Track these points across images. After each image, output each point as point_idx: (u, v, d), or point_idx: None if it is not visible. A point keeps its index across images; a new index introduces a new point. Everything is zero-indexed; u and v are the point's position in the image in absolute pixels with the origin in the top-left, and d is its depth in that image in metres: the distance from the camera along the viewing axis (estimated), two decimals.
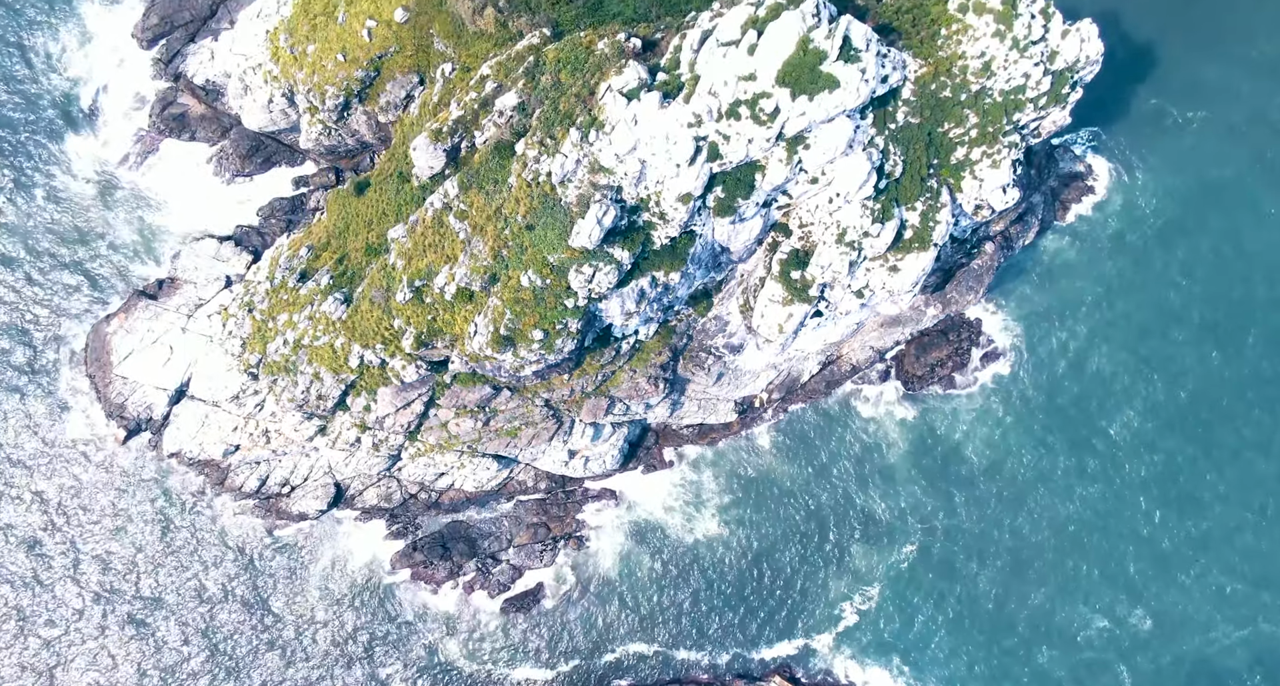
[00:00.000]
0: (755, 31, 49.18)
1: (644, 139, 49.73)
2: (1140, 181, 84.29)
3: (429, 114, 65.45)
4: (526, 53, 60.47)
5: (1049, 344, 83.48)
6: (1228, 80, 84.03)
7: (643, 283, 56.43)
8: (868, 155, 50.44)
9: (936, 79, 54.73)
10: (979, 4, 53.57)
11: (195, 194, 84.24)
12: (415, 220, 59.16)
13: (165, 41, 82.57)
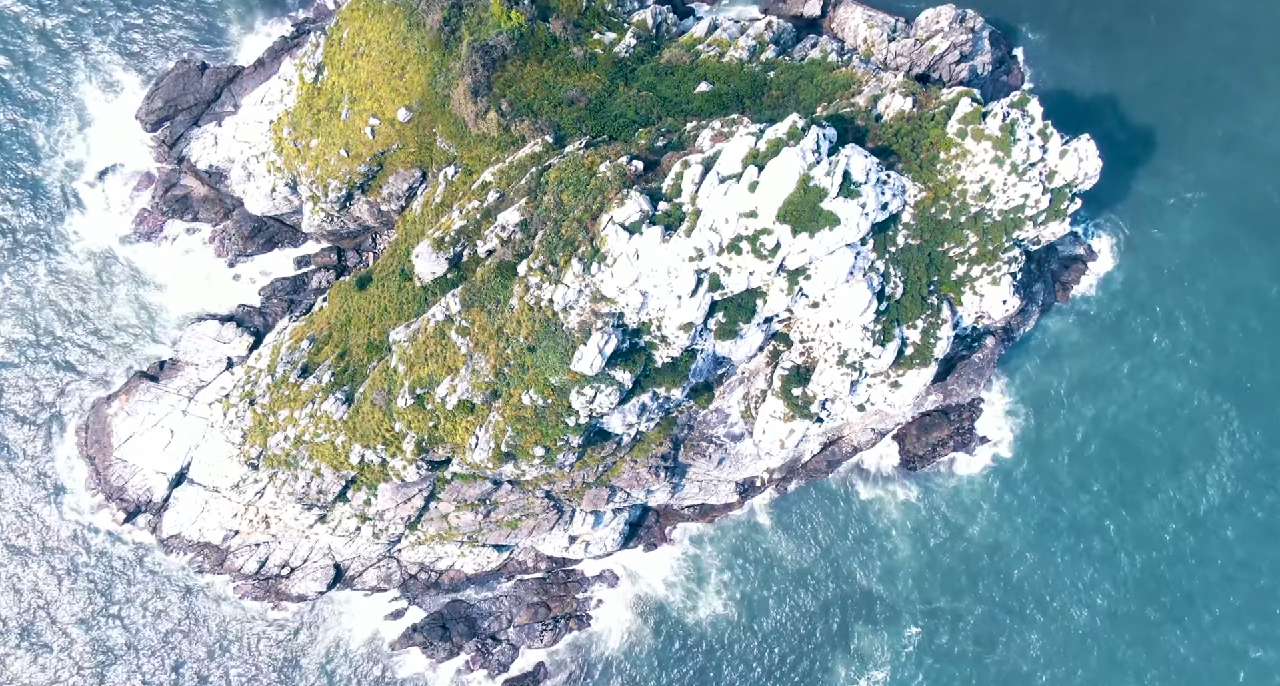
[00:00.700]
0: (756, 167, 49.50)
1: (646, 272, 49.99)
2: (1142, 261, 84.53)
3: (431, 214, 65.72)
4: (529, 162, 60.81)
5: (1052, 424, 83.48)
6: (1227, 163, 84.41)
7: (644, 398, 56.56)
8: (868, 281, 50.66)
9: (936, 203, 55.08)
10: (977, 130, 53.95)
11: (197, 273, 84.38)
12: (417, 328, 59.29)
13: (169, 124, 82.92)
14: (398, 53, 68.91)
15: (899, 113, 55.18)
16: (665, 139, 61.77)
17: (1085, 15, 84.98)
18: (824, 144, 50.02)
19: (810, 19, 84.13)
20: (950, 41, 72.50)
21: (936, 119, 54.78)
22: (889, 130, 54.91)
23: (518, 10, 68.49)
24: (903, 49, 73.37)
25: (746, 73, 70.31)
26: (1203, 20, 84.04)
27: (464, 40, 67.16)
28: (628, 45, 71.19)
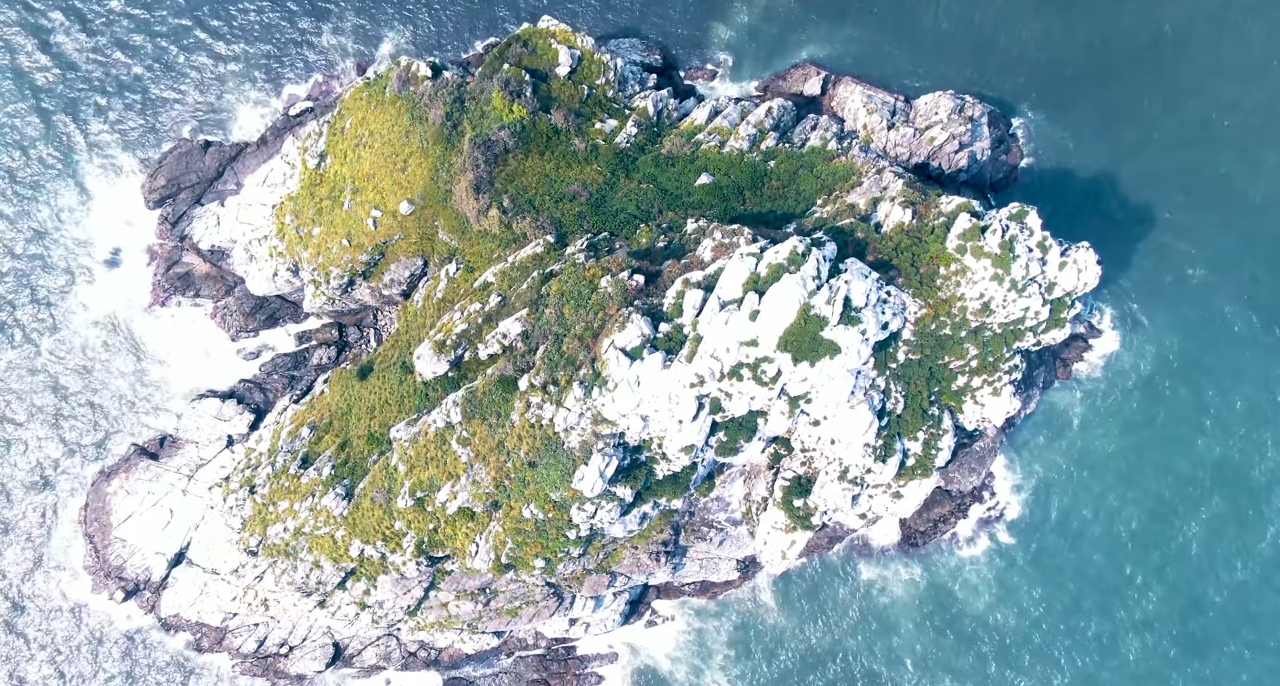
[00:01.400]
0: (756, 293, 49.72)
1: (647, 398, 50.13)
2: (1143, 338, 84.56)
3: (432, 308, 65.88)
4: (531, 264, 61.02)
5: (1055, 501, 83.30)
6: (1226, 240, 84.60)
7: (645, 508, 56.52)
8: (869, 401, 50.74)
9: (936, 319, 55.24)
10: (976, 248, 54.18)
11: (199, 348, 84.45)
12: (418, 432, 59.31)
13: (172, 202, 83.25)
14: (400, 145, 69.28)
15: (898, 224, 55.43)
16: (666, 239, 61.96)
17: (1085, 94, 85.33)
18: (824, 267, 50.23)
19: (810, 97, 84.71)
20: (949, 133, 72.96)
21: (936, 232, 55.03)
22: (889, 244, 55.16)
23: (519, 104, 68.92)
24: (902, 139, 73.76)
25: (747, 163, 70.68)
26: (1203, 101, 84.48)
27: (466, 135, 67.54)
28: (628, 134, 71.58)
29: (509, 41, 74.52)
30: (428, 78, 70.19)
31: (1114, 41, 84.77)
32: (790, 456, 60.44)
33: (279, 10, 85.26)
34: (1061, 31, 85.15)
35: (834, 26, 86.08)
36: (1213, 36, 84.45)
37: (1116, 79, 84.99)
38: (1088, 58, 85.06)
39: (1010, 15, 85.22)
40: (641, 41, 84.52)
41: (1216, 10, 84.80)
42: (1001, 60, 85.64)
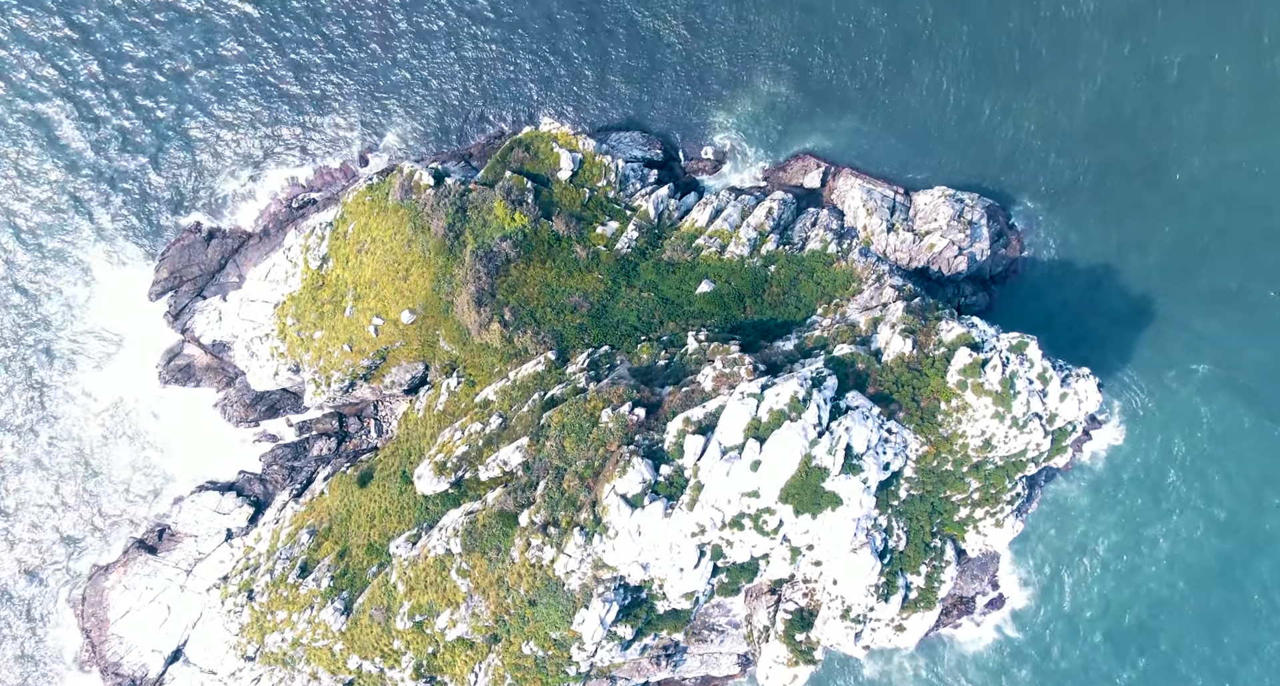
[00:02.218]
0: (757, 440, 49.74)
1: (648, 547, 50.01)
2: (1147, 428, 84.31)
3: (433, 419, 65.84)
4: (532, 383, 61.02)
5: (1059, 589, 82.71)
6: (1231, 334, 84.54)
7: (646, 640, 56.20)
8: (870, 544, 50.61)
9: (938, 456, 55.23)
10: (976, 385, 54.25)
11: (198, 438, 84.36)
12: (417, 554, 59.06)
13: (174, 294, 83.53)
14: (402, 254, 69.56)
15: (899, 356, 55.56)
16: (667, 356, 62.03)
17: (1087, 186, 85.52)
18: (824, 411, 50.26)
19: (810, 189, 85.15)
20: (949, 239, 73.23)
21: (936, 364, 55.13)
22: (889, 376, 55.26)
23: (521, 212, 69.28)
24: (901, 244, 74.07)
25: (747, 270, 70.93)
26: (1205, 195, 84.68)
27: (468, 246, 67.84)
28: (630, 239, 71.87)
29: (511, 145, 75.06)
30: (430, 186, 70.61)
31: (1117, 135, 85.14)
32: (792, 584, 60.18)
33: (282, 99, 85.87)
34: (1064, 124, 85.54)
35: (835, 117, 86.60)
36: (1218, 131, 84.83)
37: (1119, 172, 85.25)
38: (1090, 150, 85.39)
39: (1012, 109, 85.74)
40: (642, 134, 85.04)
41: (1221, 105, 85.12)
42: (1003, 151, 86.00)
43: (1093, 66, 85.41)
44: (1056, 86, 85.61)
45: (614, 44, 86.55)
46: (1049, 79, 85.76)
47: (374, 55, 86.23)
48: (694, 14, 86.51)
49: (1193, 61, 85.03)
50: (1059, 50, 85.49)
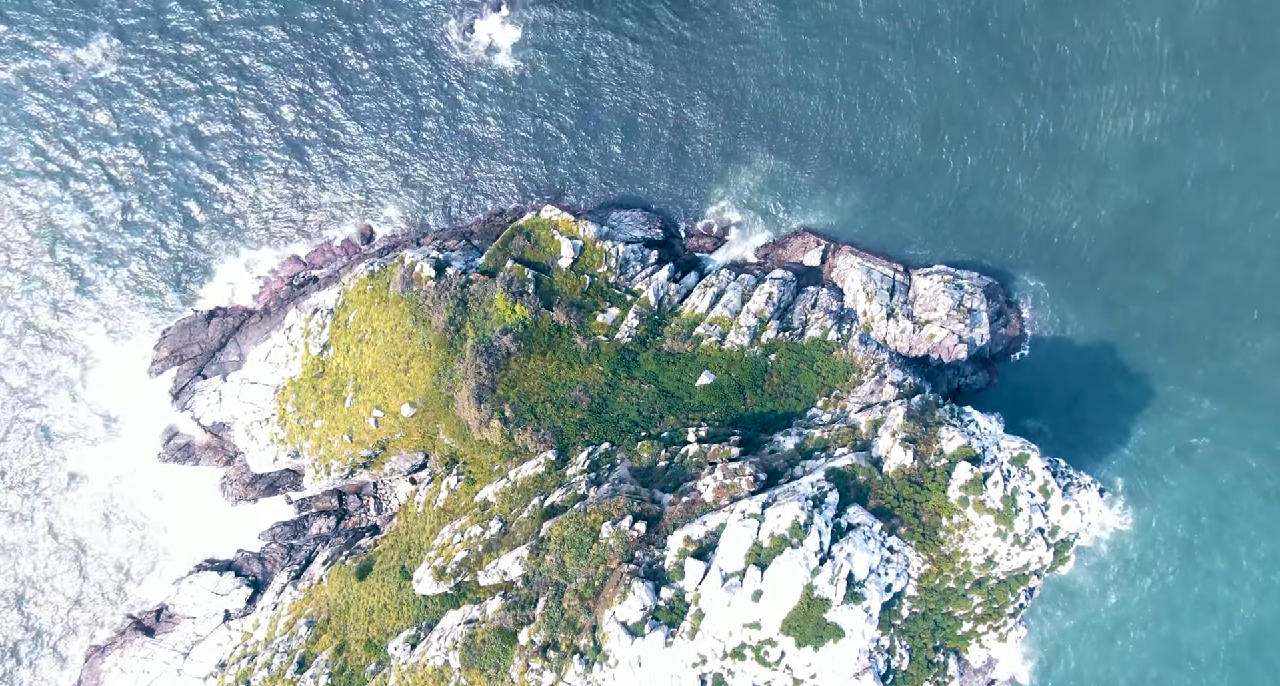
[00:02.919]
0: (758, 567, 49.59)
1: (648, 678, 49.76)
2: (1149, 507, 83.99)
3: (433, 515, 65.66)
4: (532, 486, 60.90)
5: (1063, 672, 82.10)
6: (1232, 411, 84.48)
7: None
8: (873, 667, 50.32)
9: (940, 574, 55.09)
10: (979, 502, 54.15)
11: (197, 515, 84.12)
12: (416, 661, 58.69)
13: (175, 373, 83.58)
14: (403, 346, 69.64)
15: (900, 467, 55.54)
16: (668, 455, 61.94)
17: (1088, 265, 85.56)
18: (825, 536, 50.11)
19: (810, 266, 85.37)
20: (948, 329, 73.31)
21: (938, 478, 55.10)
22: (890, 490, 55.18)
23: (522, 304, 69.41)
24: (901, 333, 74.17)
25: (748, 360, 70.97)
26: (1206, 280, 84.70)
27: (468, 340, 67.93)
28: (630, 327, 71.96)
29: (512, 232, 75.35)
30: (431, 278, 70.80)
31: (1118, 217, 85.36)
32: None
33: (283, 176, 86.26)
34: (1066, 205, 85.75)
35: (835, 194, 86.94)
36: (1219, 215, 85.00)
37: (1120, 252, 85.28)
38: (1091, 231, 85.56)
39: (1015, 189, 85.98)
40: (643, 213, 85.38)
41: (1222, 190, 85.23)
42: (1004, 229, 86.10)
43: (1094, 150, 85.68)
44: (1059, 169, 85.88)
45: (616, 123, 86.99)
46: (1052, 161, 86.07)
47: (375, 132, 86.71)
48: (695, 93, 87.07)
49: (1196, 148, 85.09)
50: (1063, 133, 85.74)
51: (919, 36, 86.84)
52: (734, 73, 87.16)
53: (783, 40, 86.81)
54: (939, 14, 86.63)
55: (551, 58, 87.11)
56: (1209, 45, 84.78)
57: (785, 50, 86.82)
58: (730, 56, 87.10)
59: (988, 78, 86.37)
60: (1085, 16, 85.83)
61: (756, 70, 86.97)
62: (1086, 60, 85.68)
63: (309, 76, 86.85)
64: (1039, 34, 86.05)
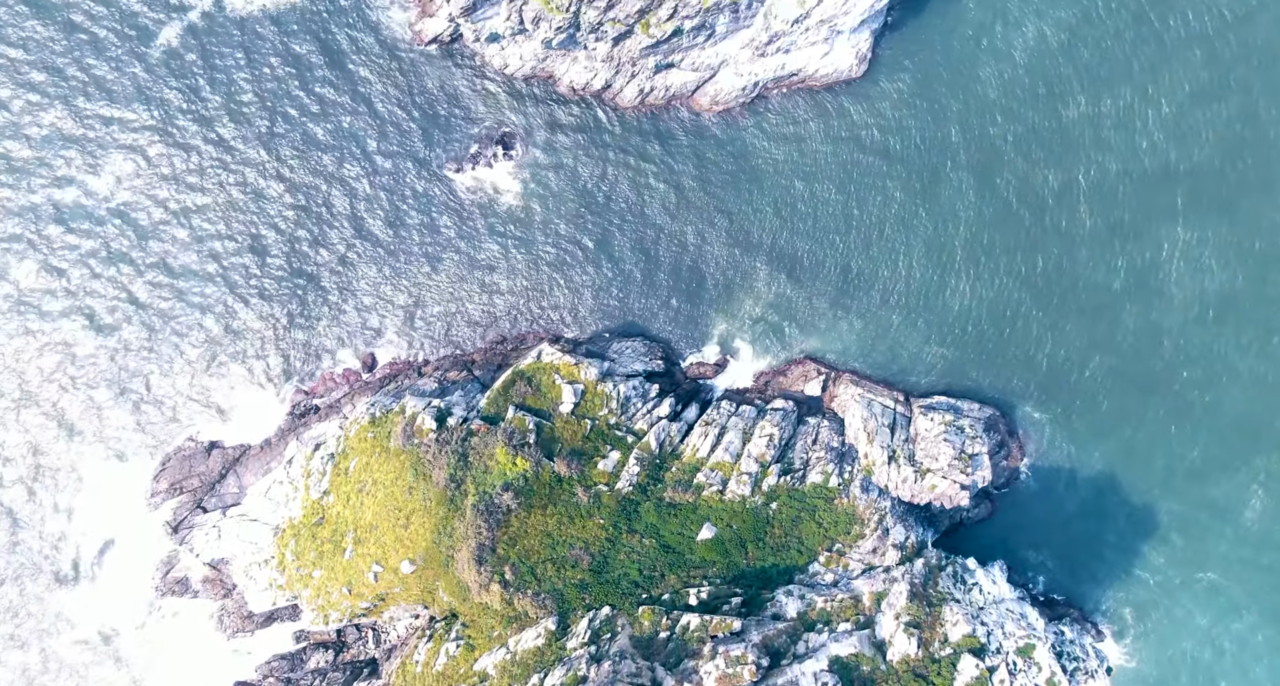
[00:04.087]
0: None
1: None
2: (1159, 644, 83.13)
3: (431, 678, 65.09)
4: (532, 661, 60.42)
5: None
6: (1236, 547, 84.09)
7: None
8: None
9: None
10: None
11: (195, 647, 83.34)
12: None
13: (174, 506, 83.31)
14: (404, 500, 69.51)
15: (904, 657, 55.23)
16: (669, 625, 61.56)
17: (1089, 392, 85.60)
18: None
19: (811, 396, 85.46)
20: (950, 480, 73.27)
21: (943, 672, 54.74)
22: (895, 684, 54.79)
23: (523, 456, 69.39)
24: (903, 481, 74.13)
25: (749, 511, 70.82)
26: (1209, 407, 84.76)
27: (469, 496, 67.79)
28: (631, 475, 71.84)
29: (513, 377, 75.50)
30: (432, 431, 70.82)
31: (1123, 344, 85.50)
32: None
33: (282, 304, 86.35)
34: (1071, 334, 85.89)
35: (836, 320, 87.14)
36: (1219, 340, 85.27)
37: (1120, 377, 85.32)
38: (1093, 357, 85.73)
39: (1018, 319, 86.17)
40: (644, 342, 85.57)
41: (1221, 312, 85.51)
42: (1006, 357, 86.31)
43: (1096, 276, 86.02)
44: (1067, 300, 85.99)
45: (619, 251, 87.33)
46: (1059, 292, 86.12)
47: (376, 259, 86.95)
48: (701, 223, 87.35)
49: (1203, 281, 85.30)
50: (1065, 264, 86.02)
51: (931, 170, 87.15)
52: (742, 202, 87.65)
53: (791, 168, 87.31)
54: (952, 141, 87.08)
55: (554, 191, 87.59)
56: (1222, 174, 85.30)
57: (791, 177, 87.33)
58: (738, 187, 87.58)
59: (1000, 207, 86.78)
60: (1099, 148, 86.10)
61: (762, 198, 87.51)
62: (1098, 193, 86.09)
63: (309, 202, 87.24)
64: (1053, 166, 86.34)
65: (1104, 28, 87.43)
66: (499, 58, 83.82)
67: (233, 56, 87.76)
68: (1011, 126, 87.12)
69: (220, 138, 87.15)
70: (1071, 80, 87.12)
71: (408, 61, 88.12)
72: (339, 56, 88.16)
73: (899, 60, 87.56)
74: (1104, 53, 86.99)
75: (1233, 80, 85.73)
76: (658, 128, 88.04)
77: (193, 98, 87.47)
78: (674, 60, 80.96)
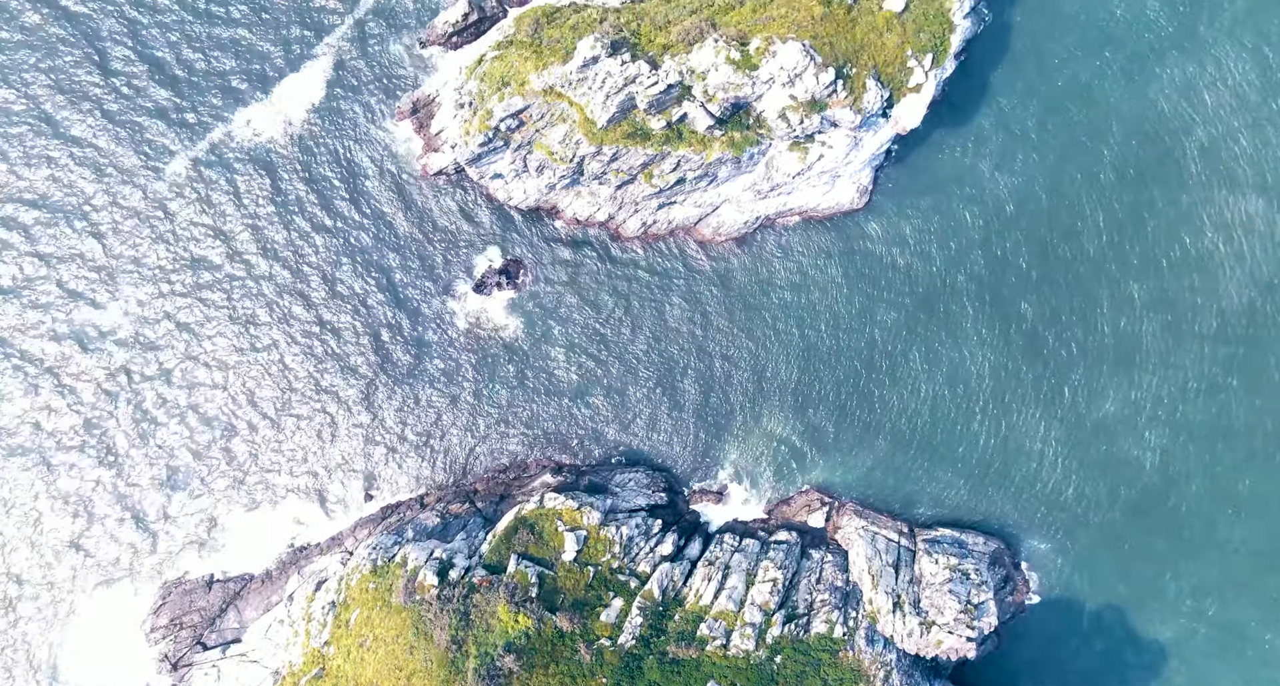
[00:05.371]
0: None
1: None
2: None
3: None
4: None
5: None
6: (1255, 673, 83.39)
7: None
8: None
9: None
10: None
11: None
12: None
13: (173, 641, 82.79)
14: (405, 659, 69.00)
15: None
16: None
17: (1098, 526, 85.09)
18: None
19: (815, 527, 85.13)
20: (956, 634, 72.73)
21: None
22: None
23: (525, 613, 69.01)
24: (908, 634, 73.57)
25: (753, 668, 70.25)
26: (1219, 544, 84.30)
27: (470, 657, 67.30)
28: (633, 627, 71.34)
29: (515, 524, 75.27)
30: (434, 586, 70.51)
31: (1133, 482, 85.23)
32: None
33: (286, 433, 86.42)
34: (1081, 471, 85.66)
35: (841, 452, 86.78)
36: (1226, 474, 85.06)
37: (1131, 509, 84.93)
38: (1103, 493, 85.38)
39: (1024, 454, 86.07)
40: (646, 474, 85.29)
41: (1230, 447, 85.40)
42: (1013, 491, 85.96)
43: (1104, 411, 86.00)
44: (1076, 436, 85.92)
45: (617, 379, 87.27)
46: (1072, 429, 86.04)
47: (373, 390, 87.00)
48: (701, 351, 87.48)
49: (1215, 415, 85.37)
50: (1086, 405, 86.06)
51: (935, 298, 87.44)
52: (744, 330, 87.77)
53: (793, 297, 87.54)
54: (958, 269, 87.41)
55: (554, 319, 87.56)
56: (1238, 312, 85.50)
57: (793, 307, 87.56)
58: (741, 315, 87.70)
59: (1012, 347, 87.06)
60: (1114, 301, 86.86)
61: (764, 327, 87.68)
62: (1116, 336, 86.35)
63: (300, 336, 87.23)
64: (1067, 314, 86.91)
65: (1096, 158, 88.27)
66: (503, 191, 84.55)
67: (233, 188, 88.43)
68: (1025, 251, 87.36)
69: (212, 269, 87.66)
70: (1081, 206, 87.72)
71: (412, 190, 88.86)
72: (336, 188, 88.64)
73: (900, 190, 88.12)
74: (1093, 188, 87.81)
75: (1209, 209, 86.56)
76: (660, 257, 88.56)
77: (181, 235, 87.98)
78: (676, 199, 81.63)
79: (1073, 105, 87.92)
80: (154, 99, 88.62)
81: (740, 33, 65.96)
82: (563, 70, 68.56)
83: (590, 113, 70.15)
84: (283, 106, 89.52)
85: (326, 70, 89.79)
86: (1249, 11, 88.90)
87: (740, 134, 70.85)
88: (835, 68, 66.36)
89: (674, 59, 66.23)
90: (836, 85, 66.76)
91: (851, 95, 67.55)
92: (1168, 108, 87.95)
